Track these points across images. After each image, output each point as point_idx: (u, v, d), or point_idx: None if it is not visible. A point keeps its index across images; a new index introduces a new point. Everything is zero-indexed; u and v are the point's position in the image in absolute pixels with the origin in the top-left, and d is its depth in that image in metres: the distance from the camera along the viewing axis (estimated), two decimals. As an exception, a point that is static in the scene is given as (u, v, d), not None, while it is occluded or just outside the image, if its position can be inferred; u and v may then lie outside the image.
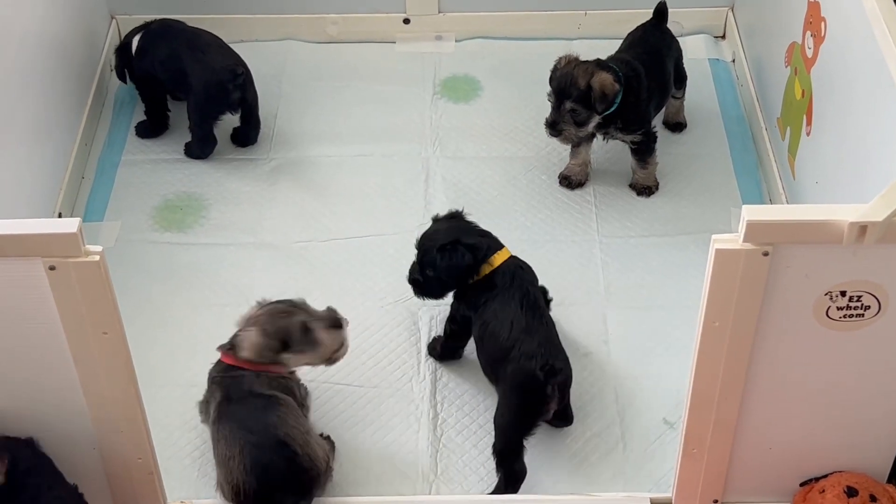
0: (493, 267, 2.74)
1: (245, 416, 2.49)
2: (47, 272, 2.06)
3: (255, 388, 2.53)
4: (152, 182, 3.41)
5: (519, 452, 2.61)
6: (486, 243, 2.77)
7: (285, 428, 2.48)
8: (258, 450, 2.44)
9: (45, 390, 2.28)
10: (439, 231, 2.80)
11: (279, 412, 2.51)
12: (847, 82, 2.78)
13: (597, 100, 3.09)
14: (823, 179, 2.95)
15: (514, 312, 2.66)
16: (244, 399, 2.51)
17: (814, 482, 2.48)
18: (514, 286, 2.71)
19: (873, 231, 2.00)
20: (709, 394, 2.29)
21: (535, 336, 2.62)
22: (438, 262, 2.74)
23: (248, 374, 2.55)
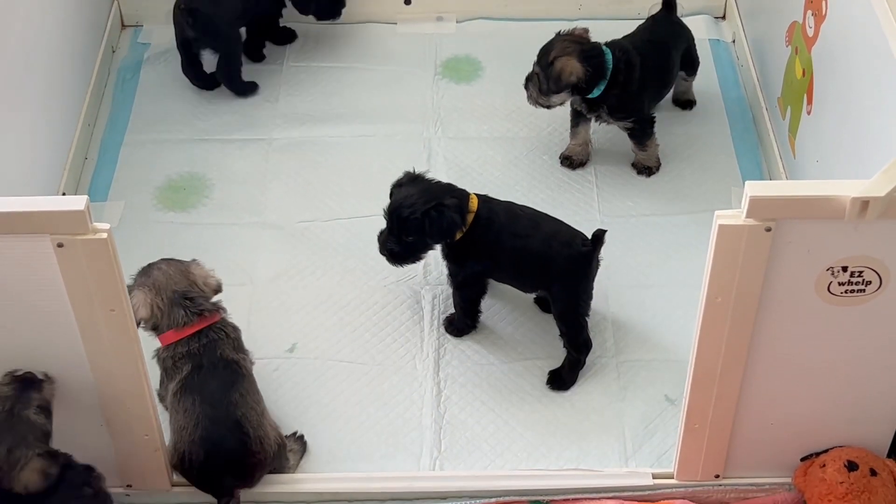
0: (473, 212, 2.76)
1: (210, 390, 2.48)
2: (55, 249, 2.08)
3: (227, 353, 2.53)
4: (155, 162, 3.42)
5: (587, 326, 2.83)
6: (460, 195, 2.77)
7: (244, 408, 2.48)
8: (214, 425, 2.45)
9: (53, 366, 2.30)
10: (412, 195, 2.77)
11: (241, 389, 2.51)
12: (848, 61, 2.79)
13: (551, 78, 3.12)
14: (824, 158, 2.97)
15: (522, 223, 2.78)
16: (214, 369, 2.50)
17: (814, 457, 2.50)
18: (498, 211, 2.78)
19: (875, 206, 2.01)
20: (711, 369, 2.31)
21: (547, 223, 2.80)
22: (427, 228, 2.73)
23: (217, 333, 2.54)
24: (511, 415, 2.80)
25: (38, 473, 2.20)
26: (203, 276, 2.57)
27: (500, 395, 2.84)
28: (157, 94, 3.63)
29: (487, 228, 2.77)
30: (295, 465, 2.67)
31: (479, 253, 2.80)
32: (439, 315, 3.00)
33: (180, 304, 2.51)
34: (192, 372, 2.49)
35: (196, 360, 2.50)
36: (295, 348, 2.94)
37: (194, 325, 2.51)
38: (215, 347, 2.52)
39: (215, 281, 2.58)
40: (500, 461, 2.71)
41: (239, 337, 2.61)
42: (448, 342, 2.95)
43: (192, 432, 2.45)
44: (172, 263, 2.57)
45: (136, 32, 3.84)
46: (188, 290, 2.53)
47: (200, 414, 2.46)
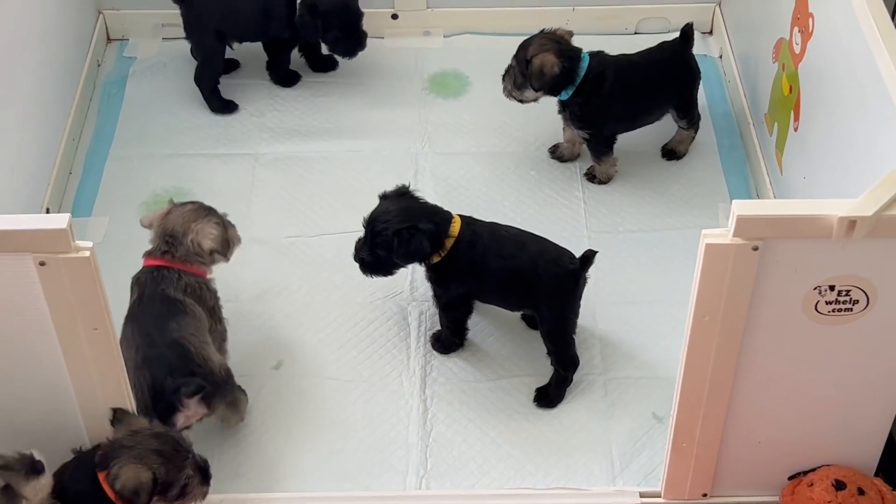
0: (454, 237, 2.75)
1: (146, 320, 2.58)
2: (37, 268, 2.07)
3: (169, 291, 2.62)
4: (141, 177, 3.40)
5: (574, 343, 2.82)
6: (440, 219, 2.76)
7: (182, 332, 2.56)
8: (151, 349, 2.53)
9: (35, 386, 2.28)
10: (391, 212, 2.76)
11: (180, 320, 2.58)
12: (834, 78, 2.79)
13: (532, 76, 3.13)
14: (811, 175, 2.97)
15: (507, 244, 2.76)
16: (153, 301, 2.60)
17: (802, 476, 2.50)
18: (482, 233, 2.77)
19: (862, 226, 2.01)
20: (698, 388, 2.30)
21: (533, 243, 2.78)
22: (396, 248, 2.72)
23: (169, 274, 2.64)
24: (498, 433, 2.79)
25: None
26: (203, 233, 2.70)
27: (487, 413, 2.83)
28: (142, 109, 3.61)
29: (470, 251, 2.76)
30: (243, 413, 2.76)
31: (462, 275, 2.79)
32: (426, 332, 2.99)
33: (164, 239, 2.69)
34: (135, 302, 2.63)
35: (141, 290, 2.64)
36: (280, 365, 2.93)
37: (156, 260, 2.67)
38: (160, 284, 2.63)
39: (208, 244, 2.70)
40: (486, 480, 2.70)
41: (197, 289, 2.67)
42: (435, 359, 2.94)
43: (134, 359, 2.51)
44: (195, 211, 2.73)
45: (122, 46, 3.82)
46: (178, 234, 2.68)
47: (139, 341, 2.54)
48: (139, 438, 2.28)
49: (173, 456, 2.29)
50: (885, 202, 2.01)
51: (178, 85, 3.67)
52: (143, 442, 2.28)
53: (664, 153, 3.45)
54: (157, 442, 2.29)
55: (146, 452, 2.26)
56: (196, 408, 2.55)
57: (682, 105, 3.35)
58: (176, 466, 2.29)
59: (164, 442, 2.30)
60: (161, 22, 3.80)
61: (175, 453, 2.30)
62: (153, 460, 2.26)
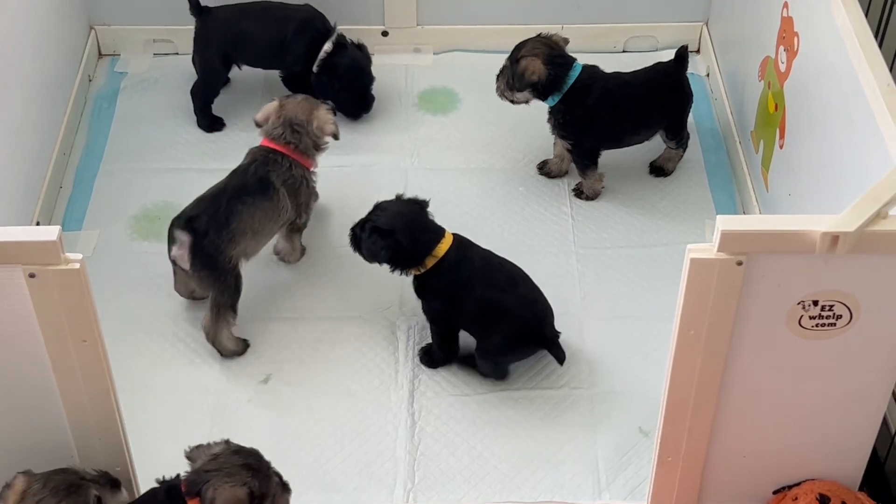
0: (437, 257, 2.79)
1: (230, 187, 2.91)
2: (27, 280, 2.07)
3: (272, 177, 2.93)
4: (131, 191, 3.41)
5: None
6: (426, 237, 2.80)
7: (244, 216, 2.86)
8: (199, 201, 2.90)
9: (24, 397, 2.28)
10: (388, 210, 2.83)
11: (257, 204, 2.89)
12: (819, 96, 2.82)
13: (516, 76, 3.18)
14: (796, 192, 2.99)
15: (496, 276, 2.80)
16: (251, 177, 2.92)
17: (787, 490, 2.51)
18: (473, 258, 2.82)
19: (845, 241, 2.03)
20: (683, 402, 2.32)
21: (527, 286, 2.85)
22: (365, 241, 2.81)
23: (282, 161, 2.94)
24: (485, 446, 2.80)
25: None
26: (324, 119, 3.02)
27: (475, 427, 2.84)
28: (133, 124, 3.63)
29: (452, 272, 2.79)
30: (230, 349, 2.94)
31: (440, 293, 2.82)
32: (414, 346, 3.00)
33: (289, 127, 2.98)
34: (238, 167, 2.97)
35: (250, 162, 2.96)
36: (269, 379, 2.94)
37: (277, 145, 2.97)
38: (269, 166, 2.94)
39: (330, 128, 3.03)
40: (474, 493, 2.71)
41: (298, 183, 2.99)
42: (423, 373, 2.95)
43: (194, 208, 2.88)
44: (308, 101, 3.05)
45: (114, 61, 3.84)
46: (302, 122, 2.99)
47: (208, 198, 2.90)
48: (222, 459, 2.27)
49: (259, 467, 2.29)
50: (867, 218, 2.03)
51: (169, 100, 3.69)
52: (228, 461, 2.26)
53: (652, 170, 3.48)
54: (240, 458, 2.28)
55: (235, 469, 2.25)
56: (179, 249, 2.82)
57: (672, 127, 3.37)
58: (265, 476, 2.29)
59: (247, 456, 2.29)
60: (152, 37, 3.83)
61: (260, 464, 2.30)
62: (244, 475, 2.24)
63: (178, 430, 2.80)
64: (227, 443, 2.32)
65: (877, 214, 2.05)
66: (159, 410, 2.84)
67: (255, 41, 3.52)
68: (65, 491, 2.20)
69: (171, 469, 2.70)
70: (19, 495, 2.19)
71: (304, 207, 3.06)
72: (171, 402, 2.87)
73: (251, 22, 3.51)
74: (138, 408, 2.77)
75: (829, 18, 2.70)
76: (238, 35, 3.51)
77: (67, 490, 2.21)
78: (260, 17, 3.52)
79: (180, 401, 2.88)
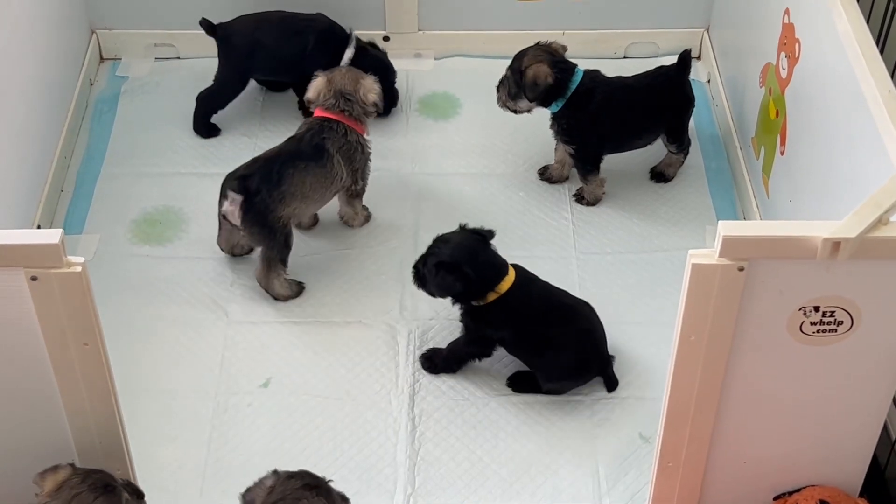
0: (500, 294, 2.77)
1: (286, 153, 3.03)
2: (29, 283, 2.07)
3: (327, 144, 3.04)
4: (131, 195, 3.41)
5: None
6: (492, 272, 2.78)
7: (295, 179, 2.98)
8: (253, 162, 3.02)
9: (25, 401, 2.28)
10: (450, 242, 2.81)
11: (309, 170, 3.01)
12: (821, 102, 2.83)
13: (527, 86, 3.18)
14: (797, 198, 3.00)
15: (552, 314, 2.82)
16: (307, 145, 3.04)
17: (787, 496, 2.51)
18: (532, 294, 2.81)
19: (846, 247, 2.04)
20: (684, 408, 2.32)
21: (585, 319, 2.87)
22: (433, 277, 2.78)
23: (337, 127, 3.06)
24: (485, 451, 2.80)
25: None
26: (368, 87, 3.14)
27: (475, 432, 2.84)
28: (134, 128, 3.63)
29: (512, 309, 2.78)
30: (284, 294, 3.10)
31: (498, 325, 2.82)
32: (415, 350, 3.00)
33: (341, 97, 3.11)
34: (293, 136, 3.09)
35: (305, 131, 3.08)
36: (269, 383, 2.94)
37: (331, 114, 3.09)
38: (324, 133, 3.06)
39: (372, 97, 3.13)
40: (474, 498, 2.71)
41: (353, 149, 3.10)
42: (423, 377, 2.95)
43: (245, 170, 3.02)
44: (353, 71, 3.18)
45: (115, 65, 3.84)
46: (350, 91, 3.11)
47: (262, 159, 3.03)
48: (281, 488, 2.25)
49: (318, 483, 2.29)
50: (868, 224, 2.04)
51: (170, 104, 3.69)
52: (288, 487, 2.25)
53: (653, 175, 3.48)
54: (298, 480, 2.27)
55: (299, 493, 2.23)
56: (230, 205, 2.96)
57: (673, 131, 3.38)
58: (326, 490, 2.29)
59: (302, 477, 2.28)
60: (154, 42, 3.83)
61: (317, 480, 2.29)
62: (310, 496, 2.24)
63: (179, 434, 2.81)
64: (276, 472, 2.31)
65: (878, 221, 2.05)
66: (159, 414, 2.84)
67: (273, 53, 3.51)
68: (102, 489, 2.23)
69: (170, 473, 2.72)
70: (59, 483, 2.22)
71: (360, 173, 3.16)
72: (172, 405, 2.87)
73: (267, 34, 3.50)
74: (139, 411, 2.77)
75: (831, 25, 2.70)
76: (254, 46, 3.49)
77: (104, 489, 2.24)
78: (276, 29, 3.51)
79: (181, 404, 2.88)
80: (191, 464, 2.76)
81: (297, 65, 3.50)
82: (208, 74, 3.76)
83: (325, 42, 3.51)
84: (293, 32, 3.51)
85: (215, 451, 2.78)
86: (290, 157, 3.02)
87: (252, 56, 3.52)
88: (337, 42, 3.52)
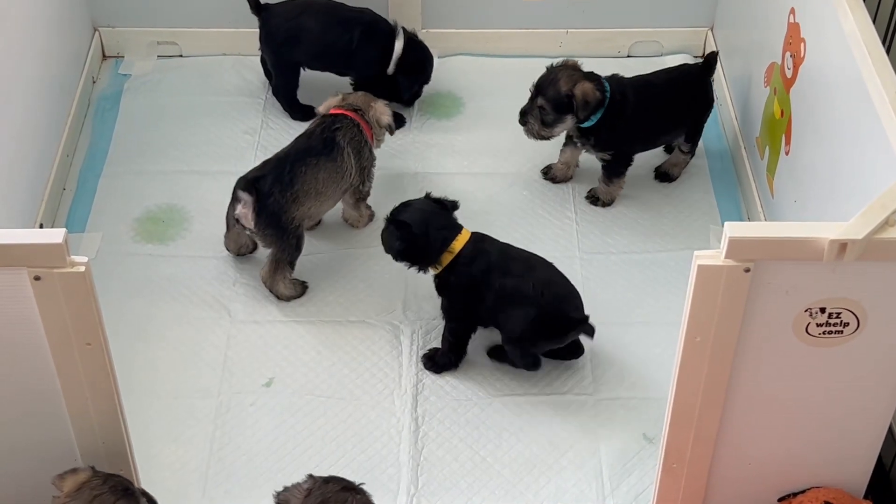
0: (453, 253, 2.81)
1: (296, 147, 3.05)
2: (32, 282, 2.07)
3: (337, 136, 3.06)
4: (134, 194, 3.40)
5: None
6: (441, 235, 2.83)
7: (308, 176, 2.98)
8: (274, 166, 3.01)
9: (28, 400, 2.28)
10: (410, 207, 2.88)
11: (321, 164, 3.01)
12: (826, 103, 2.82)
13: (579, 108, 3.14)
14: (802, 198, 2.99)
15: (513, 265, 2.82)
16: (317, 139, 3.05)
17: (792, 497, 2.50)
18: (489, 251, 2.84)
19: (853, 249, 2.03)
20: (689, 409, 2.31)
21: (544, 269, 2.87)
22: (382, 233, 2.88)
23: (349, 123, 3.09)
24: (489, 452, 2.79)
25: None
26: (382, 111, 3.19)
27: (478, 432, 2.83)
28: (136, 126, 3.62)
29: (469, 266, 2.81)
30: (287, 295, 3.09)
31: (462, 288, 2.83)
32: (418, 350, 3.00)
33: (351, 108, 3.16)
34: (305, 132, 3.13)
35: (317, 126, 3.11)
36: (272, 382, 2.93)
37: (345, 111, 3.14)
38: (336, 126, 3.08)
39: (386, 119, 3.19)
40: (477, 499, 2.70)
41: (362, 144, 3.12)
42: (426, 378, 2.94)
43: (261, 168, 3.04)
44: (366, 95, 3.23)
45: (117, 63, 3.84)
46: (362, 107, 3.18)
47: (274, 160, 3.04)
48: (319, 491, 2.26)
49: (354, 486, 2.30)
50: (875, 225, 2.03)
51: (173, 102, 3.69)
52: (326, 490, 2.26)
53: (657, 175, 3.47)
54: (335, 484, 2.28)
55: (339, 496, 2.25)
56: (243, 208, 2.96)
57: (691, 130, 3.38)
58: (360, 492, 2.30)
59: (338, 481, 2.30)
60: (157, 40, 3.82)
61: (352, 484, 2.31)
62: (351, 498, 2.27)
63: (181, 434, 2.80)
64: (312, 476, 2.32)
65: (885, 222, 2.05)
66: (162, 414, 2.84)
67: (316, 41, 3.49)
68: (122, 492, 2.25)
69: (172, 472, 2.72)
70: (79, 484, 2.23)
71: (367, 173, 3.17)
72: (174, 405, 2.87)
73: (312, 20, 3.48)
74: (141, 411, 2.77)
75: (837, 24, 2.69)
76: (297, 31, 3.48)
77: (124, 492, 2.25)
78: (322, 17, 3.49)
79: (183, 404, 2.87)
80: (193, 463, 2.75)
81: (343, 57, 3.50)
82: (211, 72, 3.77)
83: (373, 35, 3.49)
84: (337, 22, 3.49)
85: (218, 450, 2.78)
86: (302, 154, 3.02)
87: (292, 41, 3.49)
88: (383, 36, 3.51)
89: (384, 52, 3.50)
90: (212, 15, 3.77)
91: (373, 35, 3.49)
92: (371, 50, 3.49)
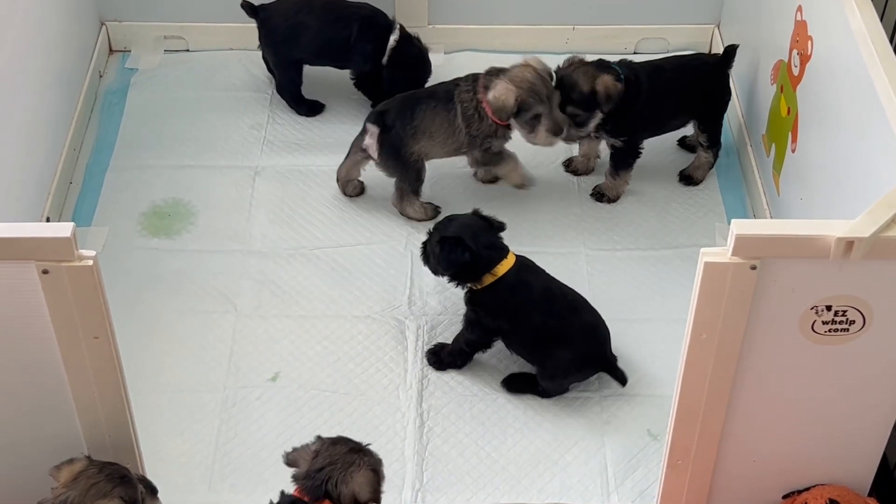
0: (496, 276, 2.78)
1: (416, 95, 3.25)
2: (40, 276, 2.07)
3: (454, 91, 3.20)
4: (141, 188, 3.41)
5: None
6: (489, 254, 2.79)
7: (421, 118, 3.17)
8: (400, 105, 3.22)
9: (35, 394, 2.29)
10: (454, 221, 2.85)
11: (433, 112, 3.18)
12: (833, 100, 2.82)
13: (603, 102, 3.14)
14: (808, 196, 2.99)
15: (555, 304, 2.80)
16: (439, 89, 3.26)
17: (796, 494, 2.50)
18: (531, 284, 2.80)
19: (860, 247, 2.03)
20: (694, 406, 2.31)
21: (589, 313, 2.85)
22: (437, 252, 2.81)
23: (469, 86, 3.21)
24: (494, 447, 2.80)
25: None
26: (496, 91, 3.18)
27: (483, 427, 2.84)
28: (143, 120, 3.63)
29: (509, 293, 2.79)
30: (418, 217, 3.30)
31: (496, 312, 2.82)
32: (423, 346, 3.00)
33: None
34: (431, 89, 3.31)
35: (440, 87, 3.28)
36: (277, 377, 2.94)
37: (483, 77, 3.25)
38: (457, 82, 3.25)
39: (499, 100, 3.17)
40: (482, 494, 2.71)
41: (472, 112, 3.19)
42: (431, 373, 2.95)
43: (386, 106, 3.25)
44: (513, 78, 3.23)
45: (124, 58, 3.84)
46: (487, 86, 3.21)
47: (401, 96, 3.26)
48: (327, 452, 2.30)
49: (362, 448, 2.34)
50: (882, 223, 2.03)
51: (179, 96, 3.69)
52: (334, 452, 2.30)
53: (681, 178, 3.46)
54: (344, 445, 2.33)
55: (349, 457, 2.29)
56: (370, 139, 3.18)
57: (705, 119, 3.36)
58: (369, 453, 2.34)
59: (346, 442, 2.36)
60: (163, 34, 3.83)
61: (360, 445, 2.35)
62: (361, 458, 2.30)
63: (187, 427, 2.81)
64: (320, 438, 2.36)
65: (891, 220, 2.05)
66: (168, 407, 2.85)
67: (315, 37, 3.50)
68: (119, 480, 2.25)
69: (178, 466, 2.72)
70: (75, 474, 2.24)
71: (479, 142, 3.24)
72: (180, 399, 2.87)
73: (311, 17, 3.49)
74: (147, 404, 2.77)
75: (844, 22, 2.69)
76: (296, 29, 3.49)
77: (121, 480, 2.25)
78: (320, 13, 3.50)
79: (189, 398, 2.88)
80: (199, 457, 2.76)
81: (341, 51, 3.51)
82: (218, 67, 3.78)
83: (370, 29, 3.50)
84: (336, 17, 3.50)
85: (223, 444, 2.78)
86: (426, 96, 3.24)
87: (293, 39, 3.50)
88: (380, 30, 3.51)
89: (381, 46, 3.50)
90: (219, 10, 3.77)
91: (370, 29, 3.50)
92: (368, 44, 3.49)
